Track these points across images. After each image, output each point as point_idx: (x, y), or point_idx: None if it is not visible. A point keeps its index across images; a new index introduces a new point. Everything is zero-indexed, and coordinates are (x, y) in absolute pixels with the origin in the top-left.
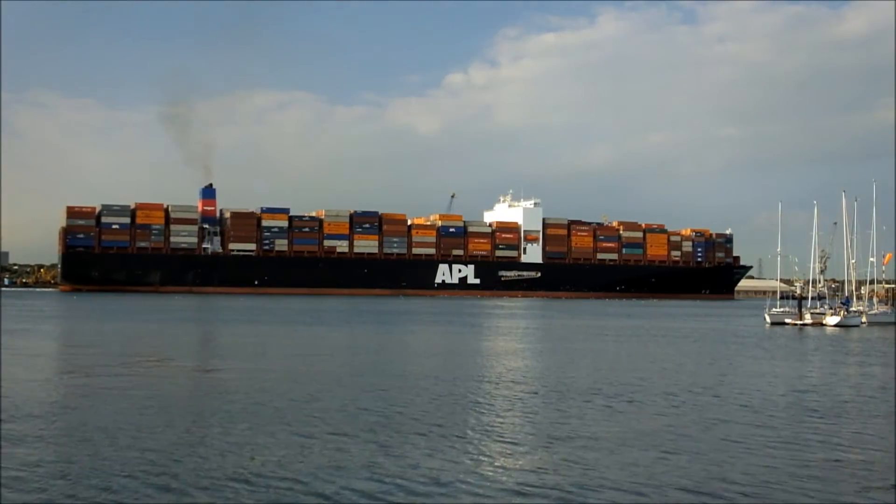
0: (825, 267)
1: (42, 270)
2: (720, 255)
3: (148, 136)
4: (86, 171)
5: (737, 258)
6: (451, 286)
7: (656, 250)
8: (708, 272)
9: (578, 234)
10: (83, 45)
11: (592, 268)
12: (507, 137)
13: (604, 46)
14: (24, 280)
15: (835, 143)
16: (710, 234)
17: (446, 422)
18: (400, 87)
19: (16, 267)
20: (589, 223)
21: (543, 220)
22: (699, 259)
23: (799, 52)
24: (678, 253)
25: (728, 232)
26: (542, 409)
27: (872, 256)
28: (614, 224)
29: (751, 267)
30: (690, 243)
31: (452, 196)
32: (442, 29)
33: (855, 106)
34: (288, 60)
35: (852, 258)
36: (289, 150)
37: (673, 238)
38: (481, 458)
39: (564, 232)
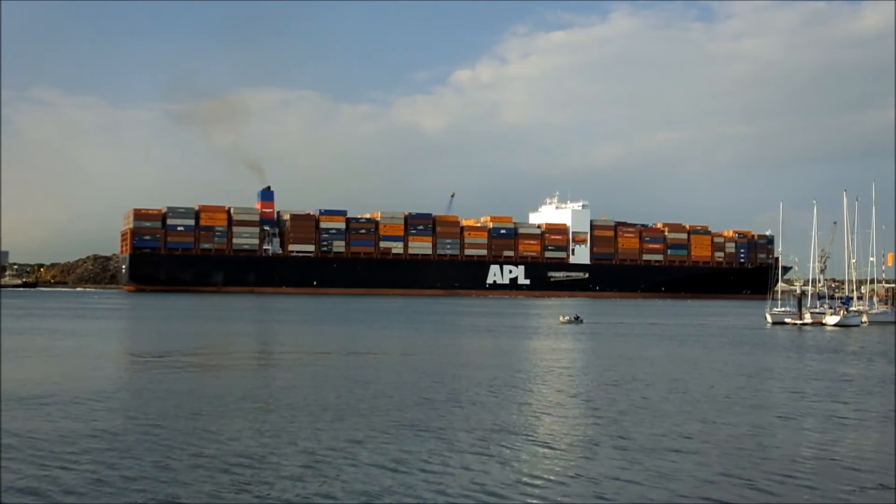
0: (825, 266)
1: (42, 269)
2: (761, 255)
3: (153, 134)
4: (88, 170)
5: (777, 259)
6: (502, 286)
7: (700, 251)
8: (749, 273)
9: (625, 235)
10: (87, 42)
11: (638, 268)
12: (514, 135)
13: (613, 43)
14: (24, 279)
15: (845, 140)
16: (753, 236)
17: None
18: (406, 84)
19: (16, 266)
20: (634, 225)
21: (591, 221)
22: (742, 260)
23: (813, 48)
24: (721, 254)
25: (769, 233)
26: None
27: (872, 256)
28: (659, 225)
29: (791, 268)
30: (733, 245)
31: (452, 195)
32: (452, 26)
33: (866, 103)
34: (293, 58)
35: (852, 258)
36: (293, 149)
37: (716, 239)
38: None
39: (611, 233)
